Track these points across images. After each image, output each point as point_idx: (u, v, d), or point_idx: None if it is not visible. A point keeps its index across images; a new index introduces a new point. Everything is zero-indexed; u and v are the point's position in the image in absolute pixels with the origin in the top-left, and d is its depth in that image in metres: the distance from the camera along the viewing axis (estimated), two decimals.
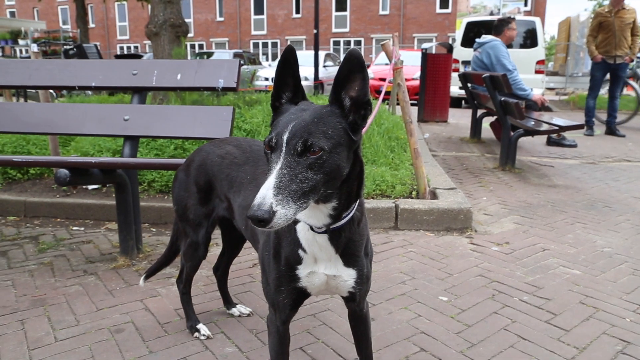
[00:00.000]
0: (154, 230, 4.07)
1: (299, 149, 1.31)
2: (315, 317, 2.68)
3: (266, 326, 1.85)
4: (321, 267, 1.63)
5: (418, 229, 4.11)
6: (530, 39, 12.87)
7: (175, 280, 2.57)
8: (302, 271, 1.64)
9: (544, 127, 6.09)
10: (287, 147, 1.31)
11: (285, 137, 1.32)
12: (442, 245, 3.78)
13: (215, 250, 3.39)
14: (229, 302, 2.74)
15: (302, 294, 1.70)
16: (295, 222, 1.57)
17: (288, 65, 1.48)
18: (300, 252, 1.61)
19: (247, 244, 3.58)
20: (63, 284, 3.06)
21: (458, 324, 2.62)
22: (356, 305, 1.83)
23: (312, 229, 1.54)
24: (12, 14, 46.72)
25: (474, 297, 2.94)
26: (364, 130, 1.47)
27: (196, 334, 2.47)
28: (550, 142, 8.21)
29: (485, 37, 7.48)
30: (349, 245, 1.62)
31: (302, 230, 1.58)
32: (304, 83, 1.54)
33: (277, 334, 1.78)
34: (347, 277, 1.66)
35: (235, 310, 2.71)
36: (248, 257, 3.51)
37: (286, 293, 1.68)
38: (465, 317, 2.69)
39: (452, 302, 2.88)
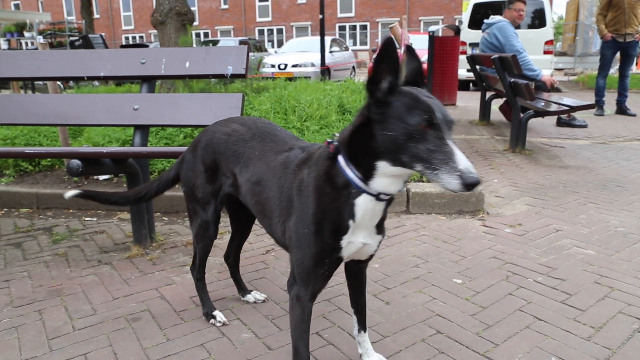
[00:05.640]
0: (165, 219, 4.09)
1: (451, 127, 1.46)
2: (330, 302, 2.69)
3: (288, 307, 1.86)
4: (360, 237, 1.69)
5: (430, 212, 4.11)
6: (538, 19, 12.70)
7: (189, 268, 2.59)
8: (344, 241, 1.68)
9: (554, 107, 6.03)
10: (447, 125, 1.44)
11: (444, 116, 1.44)
12: (454, 228, 3.77)
13: (226, 238, 3.40)
14: (242, 290, 2.75)
15: (339, 263, 1.77)
16: (359, 193, 1.59)
17: (387, 54, 1.47)
18: (350, 221, 1.64)
19: (259, 231, 3.58)
20: (78, 274, 3.09)
21: (473, 306, 2.62)
22: (363, 264, 1.93)
23: (378, 198, 1.58)
24: (17, 6, 46.73)
25: (488, 279, 2.94)
26: None
27: (212, 320, 2.49)
28: (560, 123, 8.15)
29: (494, 18, 7.40)
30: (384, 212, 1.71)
31: (363, 202, 1.60)
32: (310, 69, 1.55)
33: (303, 310, 1.81)
34: (375, 243, 1.75)
35: (250, 297, 2.72)
36: (260, 244, 3.52)
37: (327, 265, 1.72)
38: (479, 299, 2.69)
39: (467, 284, 2.88)
